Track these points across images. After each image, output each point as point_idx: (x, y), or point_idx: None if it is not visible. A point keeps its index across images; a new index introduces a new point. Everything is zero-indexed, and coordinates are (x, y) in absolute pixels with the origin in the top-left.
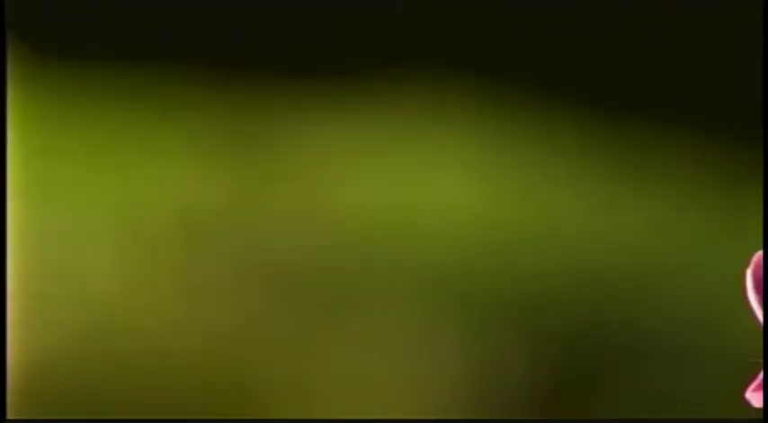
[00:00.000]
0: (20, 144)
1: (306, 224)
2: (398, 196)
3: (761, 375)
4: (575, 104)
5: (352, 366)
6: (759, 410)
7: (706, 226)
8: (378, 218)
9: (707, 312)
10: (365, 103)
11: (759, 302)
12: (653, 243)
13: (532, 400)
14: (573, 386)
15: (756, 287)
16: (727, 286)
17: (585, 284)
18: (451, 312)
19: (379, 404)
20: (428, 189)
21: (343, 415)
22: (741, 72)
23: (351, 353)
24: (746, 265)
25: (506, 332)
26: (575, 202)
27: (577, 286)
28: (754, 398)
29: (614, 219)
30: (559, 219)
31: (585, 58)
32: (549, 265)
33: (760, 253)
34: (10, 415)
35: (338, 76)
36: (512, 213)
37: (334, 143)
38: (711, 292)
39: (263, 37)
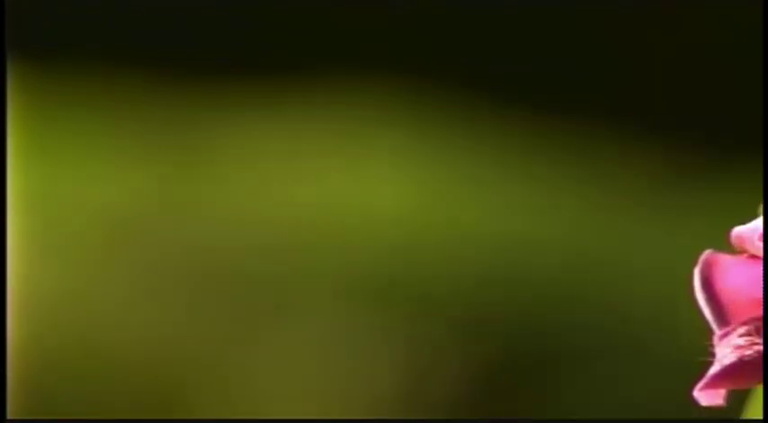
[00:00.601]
0: None
1: (235, 225)
2: (327, 197)
3: (709, 374)
4: (500, 105)
5: (280, 367)
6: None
7: (628, 225)
8: (306, 219)
9: (635, 311)
10: (295, 104)
11: (706, 301)
12: (578, 242)
13: (460, 401)
14: (501, 386)
15: (703, 286)
16: (652, 284)
17: (512, 284)
18: (379, 313)
19: (307, 404)
20: (357, 190)
21: (271, 416)
22: (670, 71)
23: (278, 354)
24: (694, 264)
25: (434, 332)
26: (500, 201)
27: (504, 286)
28: (702, 396)
29: (541, 218)
30: (486, 218)
31: (511, 58)
32: (476, 265)
33: (708, 252)
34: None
35: (268, 76)
36: (439, 214)
37: (262, 144)
38: (638, 290)
39: (191, 37)
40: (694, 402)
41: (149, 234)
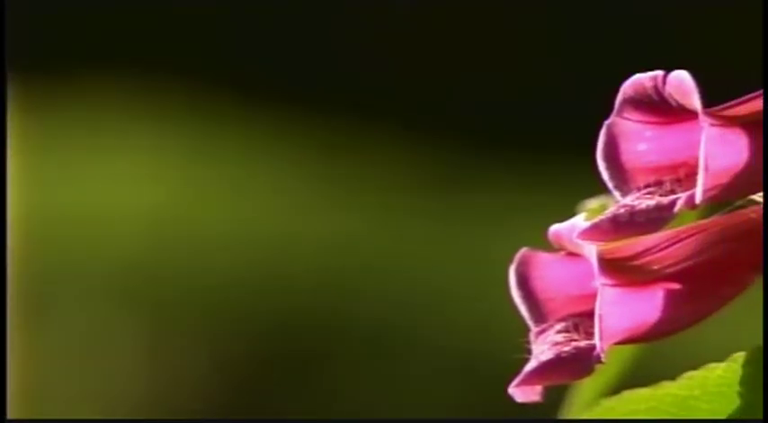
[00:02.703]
0: None
1: None
2: (85, 198)
3: (525, 370)
4: (272, 105)
5: (38, 369)
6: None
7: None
8: (62, 219)
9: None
10: (50, 102)
11: (522, 299)
12: (345, 245)
13: (212, 401)
14: (253, 386)
15: (519, 284)
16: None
17: (272, 284)
18: (132, 310)
19: (65, 404)
20: (116, 191)
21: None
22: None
23: (37, 355)
24: (510, 262)
25: (188, 334)
26: (253, 202)
27: (263, 286)
28: (518, 393)
29: (305, 218)
30: (242, 219)
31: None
32: (236, 267)
33: (523, 250)
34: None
35: (15, 74)
36: (195, 213)
37: (14, 143)
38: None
39: None
40: (510, 399)
41: None
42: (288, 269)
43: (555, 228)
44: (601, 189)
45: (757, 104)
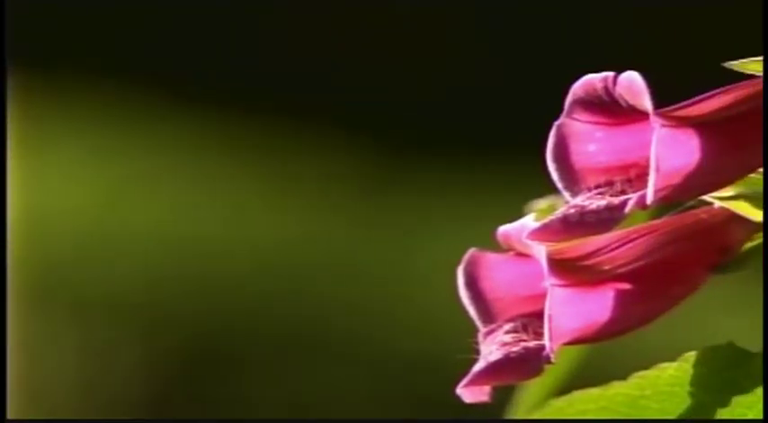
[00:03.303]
0: None
1: None
2: (15, 198)
3: (473, 370)
4: (200, 106)
5: None
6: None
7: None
8: None
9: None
10: None
11: (471, 299)
12: (276, 247)
13: (138, 400)
14: (174, 386)
15: (467, 285)
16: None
17: (191, 283)
18: (55, 311)
19: None
20: (42, 190)
21: None
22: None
23: None
24: (455, 263)
25: (113, 334)
26: (175, 202)
27: (186, 290)
28: (465, 393)
29: (225, 218)
30: (162, 218)
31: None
32: (161, 267)
33: (472, 251)
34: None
35: None
36: (113, 213)
37: None
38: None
39: None
40: (458, 399)
41: None
42: (215, 270)
43: (504, 228)
44: (549, 189)
45: (709, 105)
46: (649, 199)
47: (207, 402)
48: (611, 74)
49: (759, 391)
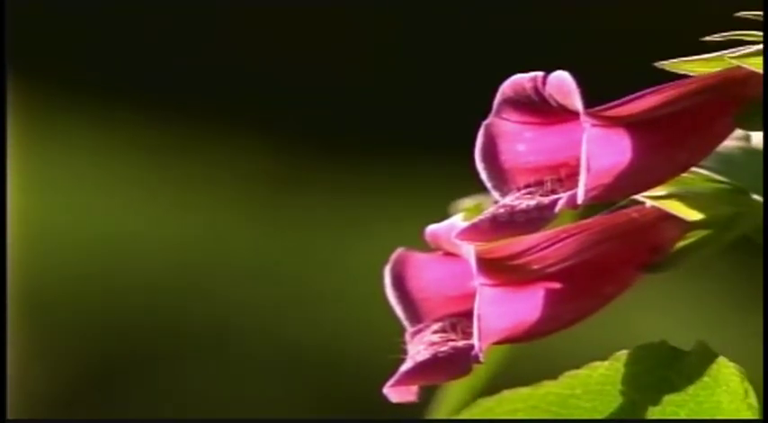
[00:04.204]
0: None
1: None
2: None
3: (400, 370)
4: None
5: None
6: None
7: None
8: None
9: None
10: None
11: (398, 299)
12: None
13: (52, 399)
14: (92, 384)
15: (394, 284)
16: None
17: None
18: None
19: None
20: None
21: None
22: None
23: None
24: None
25: (25, 333)
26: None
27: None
28: (392, 393)
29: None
30: (87, 219)
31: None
32: (76, 265)
33: (399, 250)
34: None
35: None
36: (37, 215)
37: None
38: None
39: None
40: (385, 399)
41: None
42: (126, 269)
43: (432, 227)
44: (478, 189)
45: (640, 105)
46: (580, 198)
47: (115, 403)
48: (540, 74)
49: (691, 389)
